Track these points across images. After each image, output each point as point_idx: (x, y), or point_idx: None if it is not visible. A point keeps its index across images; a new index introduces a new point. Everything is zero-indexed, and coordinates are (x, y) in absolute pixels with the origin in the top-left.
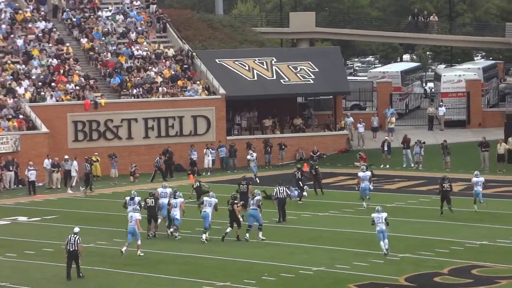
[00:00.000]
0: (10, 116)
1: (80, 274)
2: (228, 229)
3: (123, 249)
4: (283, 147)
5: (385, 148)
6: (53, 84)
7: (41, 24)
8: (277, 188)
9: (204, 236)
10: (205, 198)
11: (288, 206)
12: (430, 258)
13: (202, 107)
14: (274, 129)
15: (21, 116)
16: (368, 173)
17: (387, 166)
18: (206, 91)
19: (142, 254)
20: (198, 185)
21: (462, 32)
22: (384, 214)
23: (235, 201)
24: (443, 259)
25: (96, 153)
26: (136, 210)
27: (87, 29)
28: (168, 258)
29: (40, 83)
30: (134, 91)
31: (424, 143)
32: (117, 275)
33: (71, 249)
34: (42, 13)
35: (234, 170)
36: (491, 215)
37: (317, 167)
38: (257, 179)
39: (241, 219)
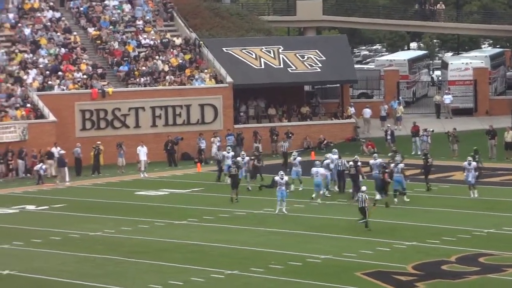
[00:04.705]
0: (18, 105)
1: (368, 227)
2: (378, 196)
3: (314, 195)
4: (290, 135)
5: (388, 137)
6: (60, 73)
7: (49, 13)
8: (337, 161)
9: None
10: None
11: (295, 195)
12: (437, 246)
13: (209, 95)
14: (282, 118)
15: (28, 105)
16: (380, 160)
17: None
18: (213, 80)
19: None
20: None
21: (469, 20)
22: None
23: (386, 170)
24: (450, 247)
25: (99, 142)
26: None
27: (94, 18)
28: (173, 246)
29: (47, 72)
30: (142, 79)
31: (432, 131)
32: (124, 264)
33: (360, 206)
34: (50, 2)
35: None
36: (498, 203)
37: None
38: (227, 180)
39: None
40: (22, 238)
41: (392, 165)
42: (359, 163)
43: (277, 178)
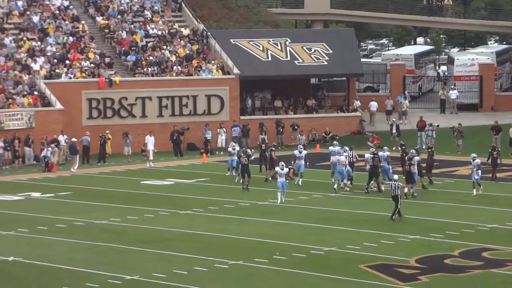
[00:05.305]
0: (25, 93)
1: (393, 218)
2: (406, 189)
3: (335, 186)
4: (295, 127)
5: (394, 131)
6: (68, 61)
7: (57, 2)
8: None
9: None
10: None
11: (300, 187)
12: (440, 240)
13: (216, 86)
14: (287, 110)
15: (36, 93)
16: (388, 153)
17: (399, 148)
18: (220, 71)
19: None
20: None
21: (476, 16)
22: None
23: (412, 162)
24: (454, 241)
25: (108, 131)
26: (340, 154)
27: (102, 7)
28: (178, 236)
29: (55, 60)
30: (149, 69)
31: (438, 126)
32: (129, 252)
33: (393, 194)
34: None
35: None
36: (502, 199)
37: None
38: (233, 172)
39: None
40: (27, 225)
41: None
42: (376, 156)
43: (277, 168)
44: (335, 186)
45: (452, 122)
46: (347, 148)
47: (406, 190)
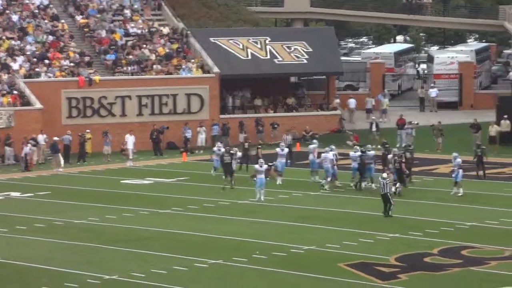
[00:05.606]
0: (4, 92)
1: (389, 213)
2: (398, 185)
3: (323, 182)
4: (275, 126)
5: (373, 129)
6: (47, 60)
7: (37, 0)
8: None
9: None
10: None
11: (281, 185)
12: (420, 238)
13: (195, 85)
14: (267, 108)
15: (15, 92)
16: (372, 152)
17: (379, 146)
18: (200, 70)
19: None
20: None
21: (456, 14)
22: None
23: (403, 160)
24: (433, 239)
25: (88, 130)
26: (329, 152)
27: (82, 6)
28: (157, 235)
29: (35, 59)
30: (129, 68)
31: (417, 124)
32: (107, 252)
33: (382, 193)
34: None
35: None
36: (480, 197)
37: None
38: (213, 172)
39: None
40: (6, 225)
41: (390, 156)
42: (364, 154)
43: (256, 166)
44: (323, 183)
45: (431, 120)
46: (333, 147)
47: (393, 188)
